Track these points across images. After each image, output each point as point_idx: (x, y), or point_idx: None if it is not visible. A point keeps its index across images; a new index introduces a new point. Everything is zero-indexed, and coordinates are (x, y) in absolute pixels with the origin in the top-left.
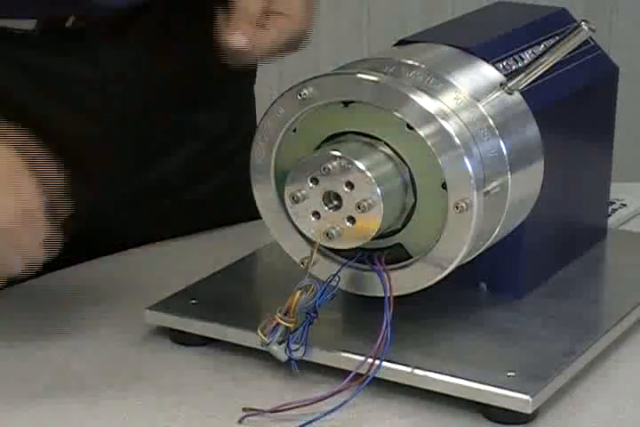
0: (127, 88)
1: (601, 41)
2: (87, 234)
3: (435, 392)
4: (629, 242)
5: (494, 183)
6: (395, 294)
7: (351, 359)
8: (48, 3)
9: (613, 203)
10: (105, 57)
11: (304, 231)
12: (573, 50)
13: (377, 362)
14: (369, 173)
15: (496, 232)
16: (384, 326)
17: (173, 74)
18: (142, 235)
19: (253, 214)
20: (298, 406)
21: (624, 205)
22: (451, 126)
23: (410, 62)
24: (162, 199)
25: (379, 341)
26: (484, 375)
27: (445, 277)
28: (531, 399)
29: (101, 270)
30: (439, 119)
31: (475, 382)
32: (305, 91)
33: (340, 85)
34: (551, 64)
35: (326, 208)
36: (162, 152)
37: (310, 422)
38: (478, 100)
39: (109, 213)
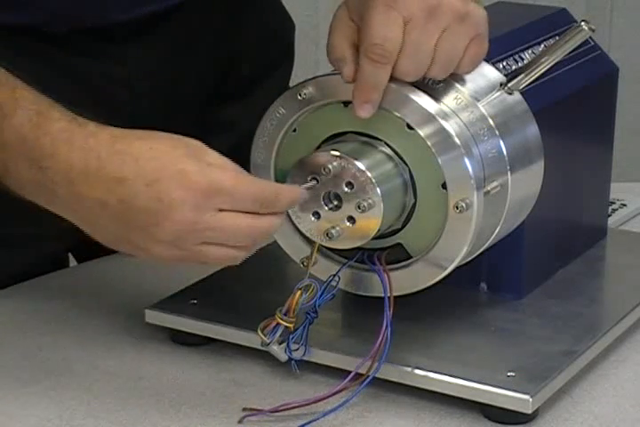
0: (155, 86)
1: (601, 41)
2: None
3: (435, 392)
4: (629, 242)
5: (494, 183)
6: (395, 294)
7: (351, 359)
8: (67, 15)
9: (613, 203)
10: (133, 55)
11: (304, 231)
12: (573, 50)
13: (377, 362)
14: (369, 173)
15: (496, 232)
16: (384, 326)
17: (202, 71)
18: None
19: None
20: (298, 406)
21: (624, 205)
22: (451, 126)
23: None
24: None
25: (379, 341)
26: (484, 375)
27: (445, 277)
28: (531, 399)
29: (101, 270)
30: (439, 119)
31: (475, 382)
32: (305, 91)
33: (340, 85)
34: (551, 64)
35: (326, 208)
36: None
37: (310, 422)
38: (478, 100)
39: None
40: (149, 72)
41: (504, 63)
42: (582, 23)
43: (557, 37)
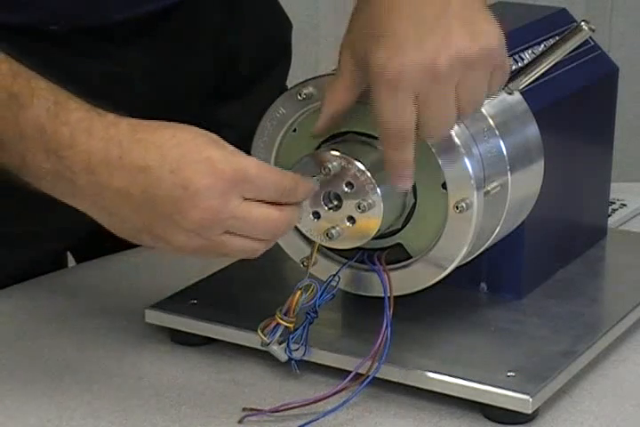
0: (155, 85)
1: (601, 41)
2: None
3: (435, 392)
4: (629, 242)
5: (494, 183)
6: (395, 294)
7: (351, 359)
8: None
9: (613, 203)
10: (132, 55)
11: (304, 231)
12: (573, 50)
13: (377, 362)
14: (369, 173)
15: (496, 232)
16: (384, 326)
17: (201, 71)
18: None
19: None
20: (298, 406)
21: (624, 205)
22: None
23: None
24: None
25: (379, 341)
26: (484, 375)
27: (445, 277)
28: (531, 399)
29: (101, 270)
30: None
31: (475, 382)
32: (305, 91)
33: None
34: (551, 64)
35: (326, 208)
36: None
37: (310, 422)
38: None
39: None
40: (149, 72)
41: None
42: (582, 23)
43: (557, 37)
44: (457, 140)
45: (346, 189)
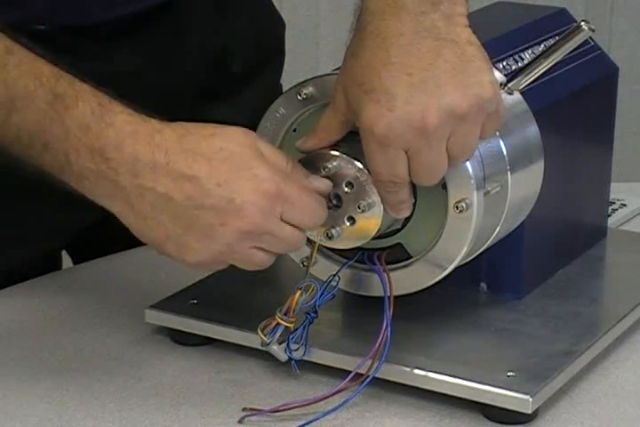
0: (144, 84)
1: (601, 41)
2: (88, 234)
3: (435, 392)
4: (629, 242)
5: (494, 183)
6: (395, 294)
7: (351, 359)
8: (51, 12)
9: (613, 203)
10: (119, 54)
11: None
12: (573, 50)
13: (377, 362)
14: (369, 173)
15: (496, 232)
16: (384, 326)
17: (189, 70)
18: None
19: None
20: (298, 406)
21: (624, 205)
22: None
23: None
24: None
25: (379, 341)
26: (484, 375)
27: (445, 277)
28: (531, 399)
29: (101, 270)
30: None
31: (475, 382)
32: (305, 91)
33: None
34: (551, 64)
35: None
36: None
37: (310, 422)
38: None
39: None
40: (137, 71)
41: (504, 63)
42: (582, 23)
43: (557, 37)
44: None
45: (346, 189)
